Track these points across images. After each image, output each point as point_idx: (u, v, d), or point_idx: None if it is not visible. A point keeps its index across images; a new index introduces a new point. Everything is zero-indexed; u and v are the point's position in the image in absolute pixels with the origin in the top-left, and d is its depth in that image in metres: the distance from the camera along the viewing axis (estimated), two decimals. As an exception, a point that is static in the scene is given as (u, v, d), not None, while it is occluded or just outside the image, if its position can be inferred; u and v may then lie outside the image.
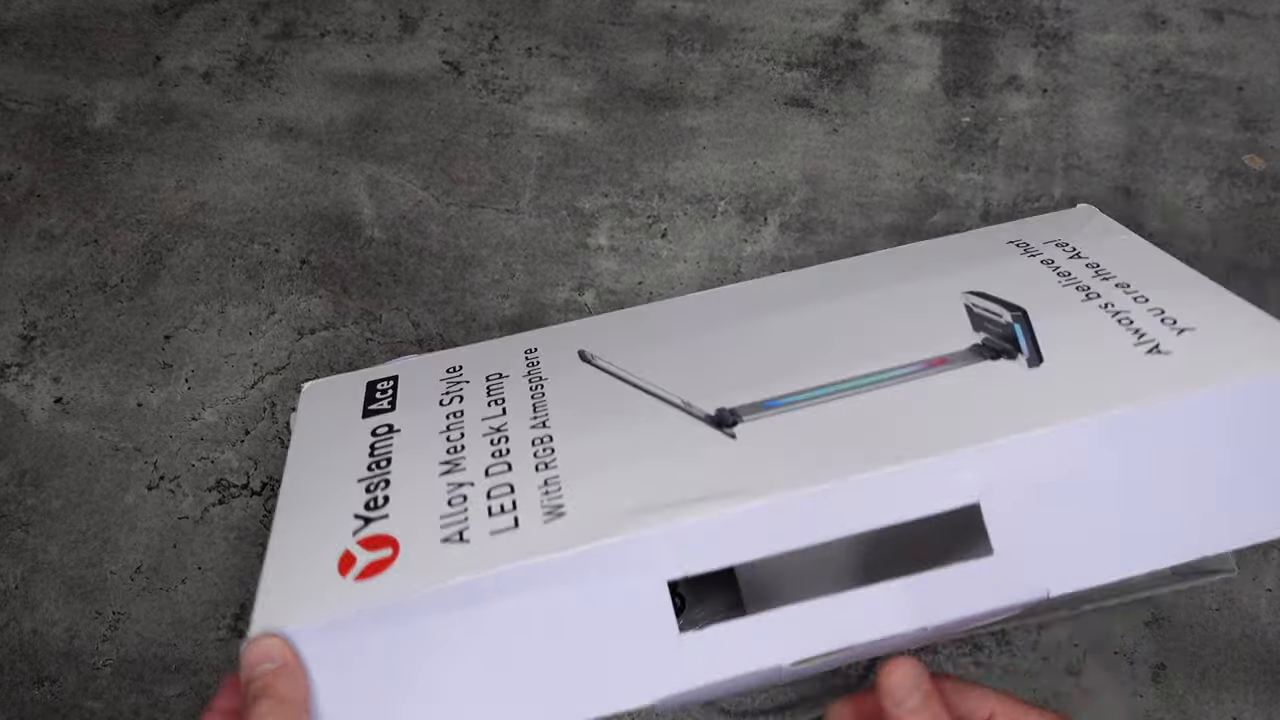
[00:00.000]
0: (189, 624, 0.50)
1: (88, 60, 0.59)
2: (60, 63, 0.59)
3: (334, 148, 0.57)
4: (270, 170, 0.57)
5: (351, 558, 0.31)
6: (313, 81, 0.58)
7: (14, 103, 0.59)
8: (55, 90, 0.59)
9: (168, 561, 0.51)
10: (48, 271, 0.56)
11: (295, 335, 0.54)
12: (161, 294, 0.55)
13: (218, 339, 0.54)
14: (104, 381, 0.54)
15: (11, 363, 0.54)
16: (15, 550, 0.52)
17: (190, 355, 0.54)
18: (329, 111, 0.57)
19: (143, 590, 0.51)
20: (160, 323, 0.55)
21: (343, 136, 0.57)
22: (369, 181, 0.56)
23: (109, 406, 0.53)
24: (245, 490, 0.52)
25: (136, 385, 0.54)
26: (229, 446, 0.53)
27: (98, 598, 0.51)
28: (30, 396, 0.54)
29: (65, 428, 0.53)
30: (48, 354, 0.54)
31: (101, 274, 0.55)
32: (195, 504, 0.52)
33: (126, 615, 0.51)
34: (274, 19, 0.59)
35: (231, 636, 0.50)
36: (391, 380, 0.39)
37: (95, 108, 0.58)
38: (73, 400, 0.54)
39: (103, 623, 0.51)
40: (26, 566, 0.52)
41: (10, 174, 0.57)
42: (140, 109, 0.58)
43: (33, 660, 0.50)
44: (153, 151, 0.57)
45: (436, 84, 0.58)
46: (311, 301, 0.55)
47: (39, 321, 0.55)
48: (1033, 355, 0.33)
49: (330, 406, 0.39)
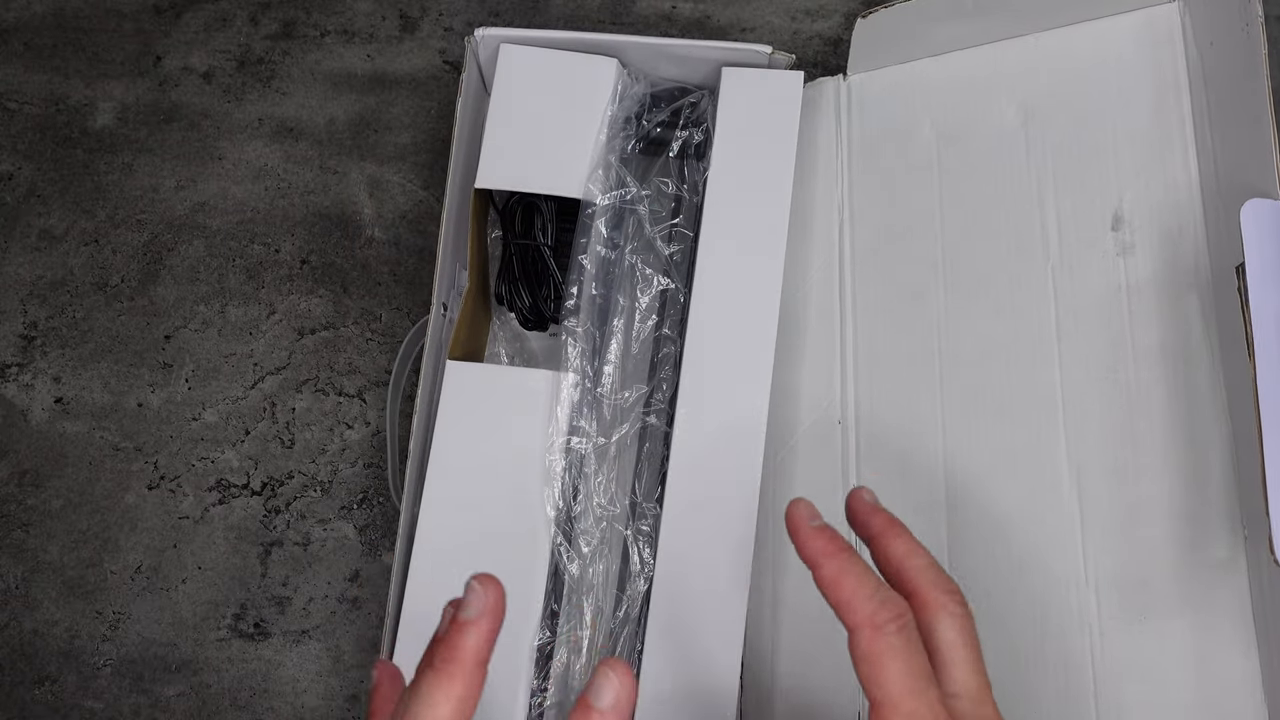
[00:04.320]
0: (189, 624, 0.50)
1: (88, 60, 0.59)
2: (60, 63, 0.59)
3: (334, 148, 0.57)
4: (270, 170, 0.57)
5: None
6: (313, 81, 0.58)
7: (14, 103, 0.59)
8: (55, 90, 0.59)
9: (168, 561, 0.51)
10: (48, 271, 0.56)
11: (295, 335, 0.54)
12: (161, 294, 0.55)
13: (218, 339, 0.54)
14: (104, 381, 0.54)
15: (12, 363, 0.54)
16: (15, 550, 0.52)
17: (190, 355, 0.54)
18: (329, 111, 0.57)
19: (143, 590, 0.51)
20: (160, 323, 0.55)
21: (343, 136, 0.57)
22: (369, 181, 0.56)
23: (109, 406, 0.53)
24: (245, 490, 0.52)
25: (137, 385, 0.54)
26: (229, 446, 0.53)
27: (98, 598, 0.51)
28: (30, 396, 0.54)
29: (65, 428, 0.53)
30: (48, 354, 0.54)
31: (102, 274, 0.55)
32: (195, 504, 0.52)
33: (126, 615, 0.51)
34: (274, 19, 0.59)
35: (231, 636, 0.50)
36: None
37: (95, 108, 0.58)
38: (73, 400, 0.54)
39: (103, 623, 0.51)
40: (27, 566, 0.52)
41: (10, 174, 0.57)
42: (140, 109, 0.58)
43: (33, 660, 0.50)
44: (153, 151, 0.57)
45: (436, 84, 0.58)
46: (311, 301, 0.55)
47: (39, 321, 0.55)
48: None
49: None
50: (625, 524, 0.43)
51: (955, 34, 0.48)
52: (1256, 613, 0.38)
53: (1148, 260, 0.44)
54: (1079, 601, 0.41)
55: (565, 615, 0.42)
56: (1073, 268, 0.45)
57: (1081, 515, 0.42)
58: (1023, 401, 0.44)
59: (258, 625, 0.50)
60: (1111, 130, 0.46)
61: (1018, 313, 0.45)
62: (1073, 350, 0.44)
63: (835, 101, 0.51)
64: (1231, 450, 0.40)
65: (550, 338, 0.50)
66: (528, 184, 0.46)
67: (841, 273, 0.48)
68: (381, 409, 0.53)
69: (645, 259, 0.46)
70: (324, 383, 0.53)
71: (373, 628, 0.50)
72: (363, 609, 0.50)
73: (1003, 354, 0.45)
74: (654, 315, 0.46)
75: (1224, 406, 0.41)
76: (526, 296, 0.48)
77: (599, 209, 0.45)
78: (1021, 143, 0.47)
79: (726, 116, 0.46)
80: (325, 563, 0.51)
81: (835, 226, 0.49)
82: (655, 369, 0.45)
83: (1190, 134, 0.44)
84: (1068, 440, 0.43)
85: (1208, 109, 0.44)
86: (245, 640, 0.50)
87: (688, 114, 0.47)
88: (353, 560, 0.51)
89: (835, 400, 0.47)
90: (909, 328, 0.47)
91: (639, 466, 0.44)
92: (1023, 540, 0.43)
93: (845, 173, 0.50)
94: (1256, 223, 0.37)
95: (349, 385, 0.53)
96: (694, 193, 0.47)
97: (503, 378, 0.45)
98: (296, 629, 0.50)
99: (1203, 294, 0.42)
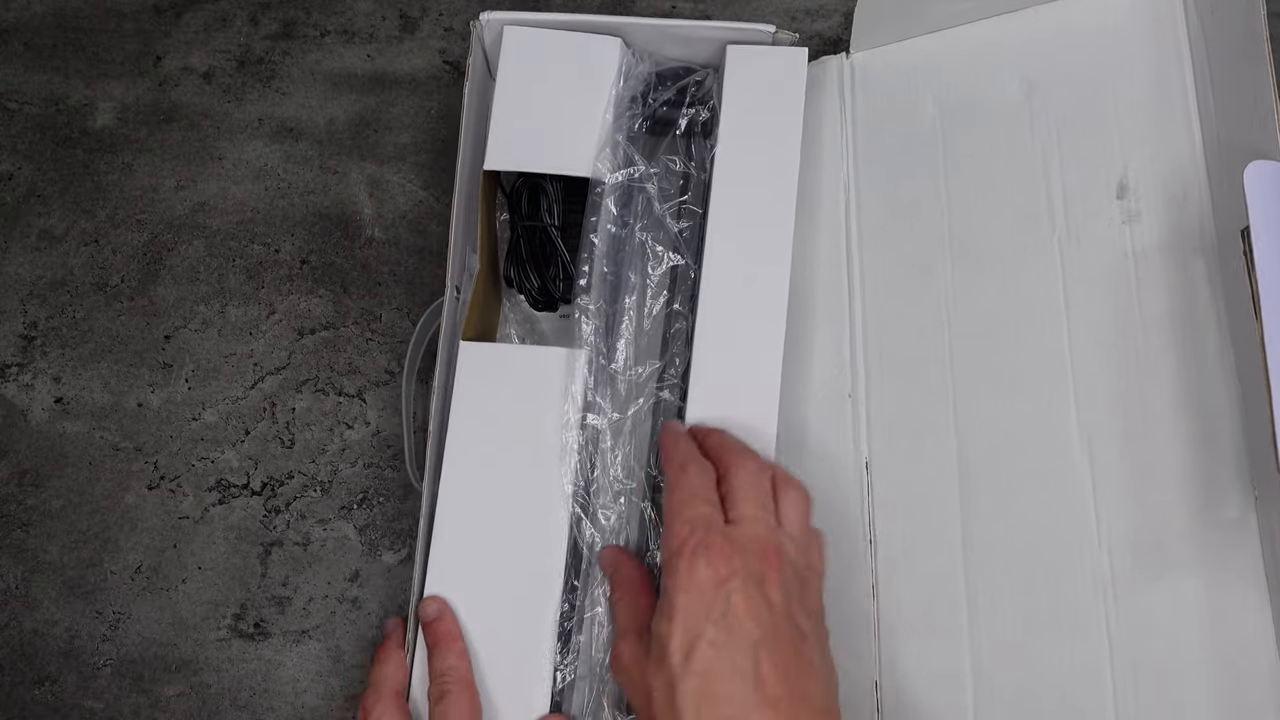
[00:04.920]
0: (189, 624, 0.50)
1: (88, 60, 0.59)
2: (60, 63, 0.59)
3: (334, 148, 0.57)
4: (270, 170, 0.57)
5: None
6: (313, 81, 0.58)
7: (14, 103, 0.59)
8: (55, 90, 0.59)
9: (168, 561, 0.51)
10: (48, 271, 0.56)
11: (295, 335, 0.54)
12: (161, 294, 0.55)
13: (218, 339, 0.54)
14: (104, 381, 0.54)
15: (12, 363, 0.54)
16: (15, 550, 0.52)
17: (190, 355, 0.54)
18: (329, 111, 0.57)
19: (143, 590, 0.51)
20: (160, 323, 0.55)
21: (343, 136, 0.57)
22: (369, 181, 0.56)
23: (109, 406, 0.53)
24: (245, 490, 0.52)
25: (137, 385, 0.54)
26: (229, 446, 0.53)
27: (98, 598, 0.51)
28: (30, 396, 0.54)
29: (65, 428, 0.53)
30: (48, 354, 0.54)
31: (102, 274, 0.55)
32: (195, 504, 0.52)
33: (126, 615, 0.51)
34: (274, 19, 0.59)
35: (231, 636, 0.50)
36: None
37: (95, 108, 0.58)
38: (73, 400, 0.54)
39: (103, 623, 0.51)
40: (27, 566, 0.52)
41: (10, 174, 0.57)
42: (140, 109, 0.58)
43: (33, 660, 0.50)
44: (153, 151, 0.57)
45: (436, 84, 0.58)
46: (311, 301, 0.55)
47: (39, 321, 0.55)
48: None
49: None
50: (643, 496, 0.44)
51: (956, 9, 0.48)
52: (1269, 571, 0.39)
53: (1154, 227, 0.44)
54: (1093, 564, 0.41)
55: (585, 588, 0.43)
56: (1079, 237, 0.45)
57: (1094, 480, 0.42)
58: (1032, 371, 0.44)
59: (258, 625, 0.50)
60: (1114, 99, 0.46)
61: (1025, 283, 0.45)
62: (1081, 319, 0.44)
63: (839, 80, 0.51)
64: (1241, 412, 0.41)
65: (560, 319, 0.50)
66: (536, 164, 0.46)
67: (849, 249, 0.49)
68: (382, 408, 0.53)
69: (655, 236, 0.47)
70: (324, 383, 0.53)
71: (373, 628, 0.50)
72: (363, 609, 0.50)
73: (1011, 324, 0.45)
74: (665, 291, 0.46)
75: (1232, 369, 0.41)
76: (535, 278, 0.48)
77: (608, 187, 0.46)
78: (1025, 115, 0.47)
79: (732, 93, 0.46)
80: (325, 563, 0.51)
81: (841, 204, 0.49)
82: (667, 344, 0.46)
83: (1193, 99, 0.45)
84: (1078, 408, 0.43)
85: (1210, 74, 0.44)
86: (245, 640, 0.50)
87: (693, 92, 0.48)
88: (353, 560, 0.51)
89: (845, 374, 0.47)
90: (917, 301, 0.47)
91: (654, 441, 0.45)
92: (1036, 506, 0.43)
93: (850, 150, 0.50)
94: (1260, 185, 0.37)
95: (349, 385, 0.53)
96: (701, 170, 0.47)
97: (516, 356, 0.45)
98: (296, 629, 0.50)
99: (1209, 258, 0.42)
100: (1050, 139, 0.46)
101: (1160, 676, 0.40)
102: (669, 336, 0.46)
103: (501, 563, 0.42)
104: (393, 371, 0.53)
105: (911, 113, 0.49)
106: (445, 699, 0.39)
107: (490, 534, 0.42)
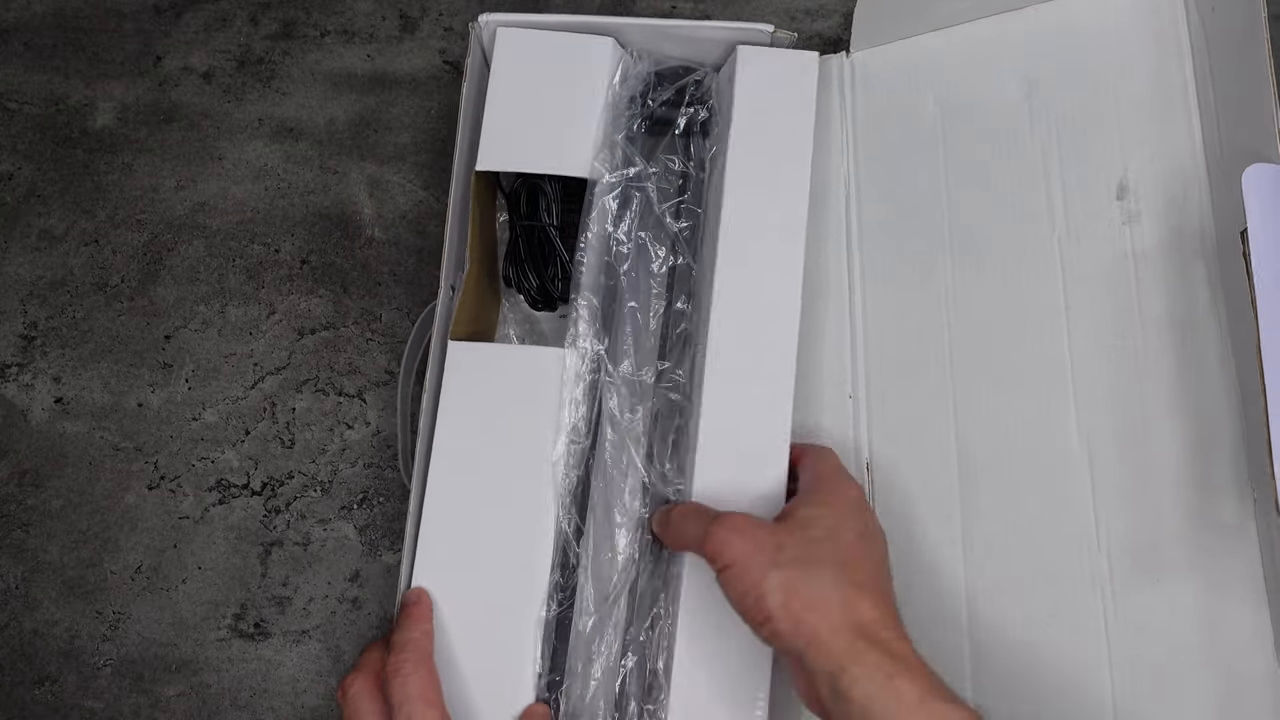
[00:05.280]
0: (189, 624, 0.50)
1: (88, 60, 0.59)
2: (60, 63, 0.59)
3: (334, 148, 0.57)
4: (270, 170, 0.57)
5: None
6: (313, 81, 0.58)
7: (14, 103, 0.59)
8: (55, 90, 0.59)
9: (168, 561, 0.51)
10: (48, 271, 0.56)
11: (295, 335, 0.54)
12: (161, 294, 0.55)
13: (218, 339, 0.54)
14: (104, 381, 0.54)
15: (12, 363, 0.54)
16: (15, 550, 0.52)
17: (190, 355, 0.54)
18: (329, 111, 0.57)
19: (143, 590, 0.51)
20: (160, 323, 0.55)
21: (343, 136, 0.57)
22: (369, 181, 0.56)
23: (109, 406, 0.53)
24: (245, 490, 0.52)
25: (137, 385, 0.54)
26: (229, 446, 0.53)
27: (98, 598, 0.51)
28: (30, 396, 0.54)
29: (65, 428, 0.53)
30: (48, 354, 0.54)
31: (102, 274, 0.55)
32: (195, 504, 0.52)
33: (126, 615, 0.51)
34: (274, 19, 0.59)
35: (231, 636, 0.50)
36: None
37: (95, 108, 0.58)
38: (73, 400, 0.54)
39: (103, 623, 0.51)
40: (27, 566, 0.52)
41: (10, 174, 0.57)
42: (140, 109, 0.58)
43: (33, 660, 0.50)
44: (153, 151, 0.57)
45: (436, 84, 0.58)
46: (311, 301, 0.55)
47: (39, 321, 0.55)
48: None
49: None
50: (641, 497, 0.44)
51: (956, 7, 0.48)
52: (1267, 575, 0.39)
53: (1153, 228, 0.44)
54: (1091, 565, 0.42)
55: (578, 583, 0.43)
56: (1079, 237, 0.45)
57: (1093, 481, 0.42)
58: (1032, 371, 0.44)
59: (258, 625, 0.50)
60: (1114, 99, 0.46)
61: (1025, 283, 0.45)
62: (1081, 319, 0.44)
63: (839, 78, 0.51)
64: (1240, 415, 0.40)
65: (560, 318, 0.50)
66: (532, 165, 0.46)
67: (849, 247, 0.49)
68: (382, 408, 0.53)
69: (655, 235, 0.46)
70: (324, 383, 0.53)
71: (373, 627, 0.50)
72: (363, 609, 0.50)
73: (1011, 324, 0.45)
74: (665, 291, 0.46)
75: (1232, 372, 0.41)
76: (533, 277, 0.48)
77: (606, 186, 0.46)
78: (1025, 114, 0.47)
79: (743, 94, 0.46)
80: (325, 563, 0.51)
81: (842, 202, 0.49)
82: (666, 344, 0.46)
83: (1193, 100, 0.45)
84: (1077, 408, 0.43)
85: (1210, 75, 0.44)
86: (245, 640, 0.50)
87: (692, 91, 0.48)
88: (353, 560, 0.51)
89: (846, 374, 0.47)
90: (917, 301, 0.47)
91: (653, 440, 0.45)
92: (1035, 506, 0.43)
93: (851, 149, 0.50)
94: (1258, 188, 0.37)
95: (349, 385, 0.53)
96: (701, 169, 0.47)
97: (507, 355, 0.45)
98: (296, 629, 0.50)
99: (1208, 260, 0.42)
100: (1050, 139, 0.46)
101: (1158, 677, 0.40)
102: (668, 336, 0.46)
103: (487, 558, 0.42)
104: (392, 371, 0.53)
105: (912, 112, 0.49)
106: (402, 670, 0.38)
107: (476, 531, 0.42)
